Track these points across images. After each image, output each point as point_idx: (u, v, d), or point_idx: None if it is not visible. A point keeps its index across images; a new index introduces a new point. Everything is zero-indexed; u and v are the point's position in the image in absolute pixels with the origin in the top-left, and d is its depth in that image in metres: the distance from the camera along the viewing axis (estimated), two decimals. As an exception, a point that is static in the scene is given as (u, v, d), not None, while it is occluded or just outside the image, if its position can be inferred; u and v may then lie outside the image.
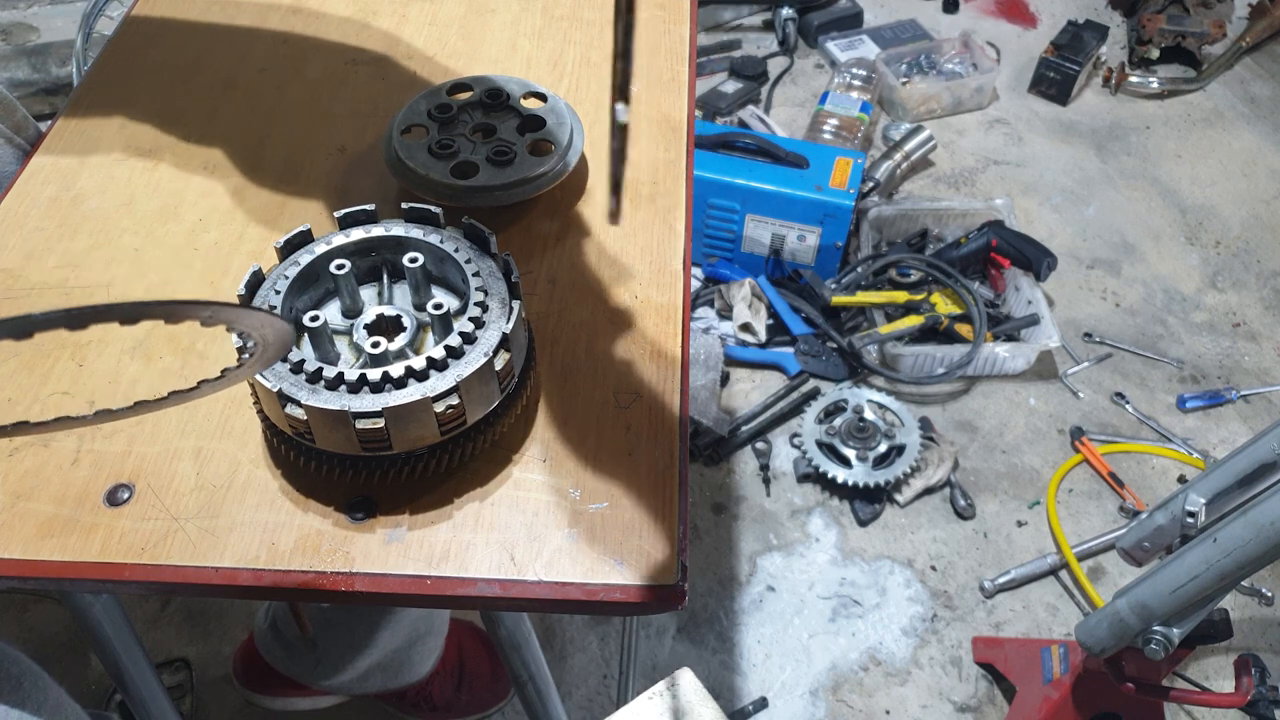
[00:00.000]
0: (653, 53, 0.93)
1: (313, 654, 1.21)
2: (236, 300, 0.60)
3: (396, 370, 0.56)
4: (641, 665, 1.49)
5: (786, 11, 2.58)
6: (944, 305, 1.86)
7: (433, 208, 0.66)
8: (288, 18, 0.97)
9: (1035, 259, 1.84)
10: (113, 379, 0.66)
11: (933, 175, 2.30)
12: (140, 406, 0.47)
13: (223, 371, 0.48)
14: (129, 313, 0.36)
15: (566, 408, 0.65)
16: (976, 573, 1.61)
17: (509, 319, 0.59)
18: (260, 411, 0.61)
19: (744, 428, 1.78)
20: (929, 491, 1.70)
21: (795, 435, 1.76)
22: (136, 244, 0.76)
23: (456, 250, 0.63)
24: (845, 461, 1.68)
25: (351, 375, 0.55)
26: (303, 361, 0.56)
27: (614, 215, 0.44)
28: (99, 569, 0.57)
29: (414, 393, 0.55)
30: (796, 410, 1.80)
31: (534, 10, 0.98)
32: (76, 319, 0.35)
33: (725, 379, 1.84)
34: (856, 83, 2.36)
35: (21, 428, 0.45)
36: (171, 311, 0.38)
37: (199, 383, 0.48)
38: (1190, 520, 1.05)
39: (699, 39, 2.60)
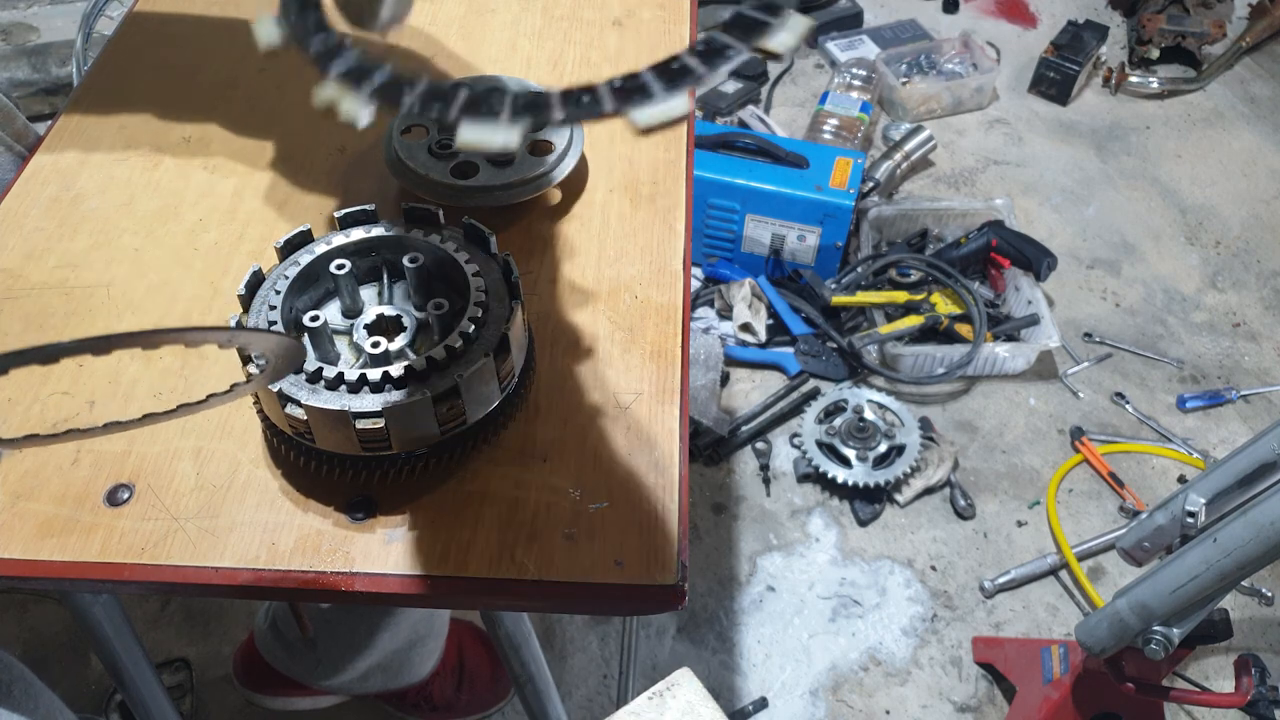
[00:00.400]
0: (653, 53, 0.93)
1: (313, 654, 1.21)
2: (237, 299, 0.60)
3: (396, 370, 0.56)
4: (641, 665, 1.49)
5: (786, 11, 2.58)
6: (944, 305, 1.86)
7: (433, 208, 0.66)
8: (288, 18, 0.97)
9: (1035, 259, 1.84)
10: (113, 379, 0.66)
11: (933, 175, 2.30)
12: (149, 418, 0.48)
13: (232, 386, 0.49)
14: (151, 340, 0.37)
15: (566, 408, 0.65)
16: (976, 573, 1.61)
17: (509, 319, 0.59)
18: (260, 411, 0.61)
19: (744, 428, 1.78)
20: (929, 491, 1.70)
21: (795, 435, 1.76)
22: (136, 244, 0.76)
23: (456, 250, 0.63)
24: (845, 461, 1.68)
25: (351, 375, 0.55)
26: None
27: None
28: (99, 569, 0.57)
29: (414, 393, 0.55)
30: (796, 410, 1.80)
31: (534, 10, 0.98)
32: (102, 345, 0.36)
33: (725, 379, 1.84)
34: (856, 83, 2.36)
35: (31, 440, 0.46)
36: (193, 338, 0.40)
37: (207, 396, 0.48)
38: (1190, 520, 1.05)
39: (699, 39, 2.60)
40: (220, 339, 0.42)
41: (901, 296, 1.88)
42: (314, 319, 0.59)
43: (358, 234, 0.64)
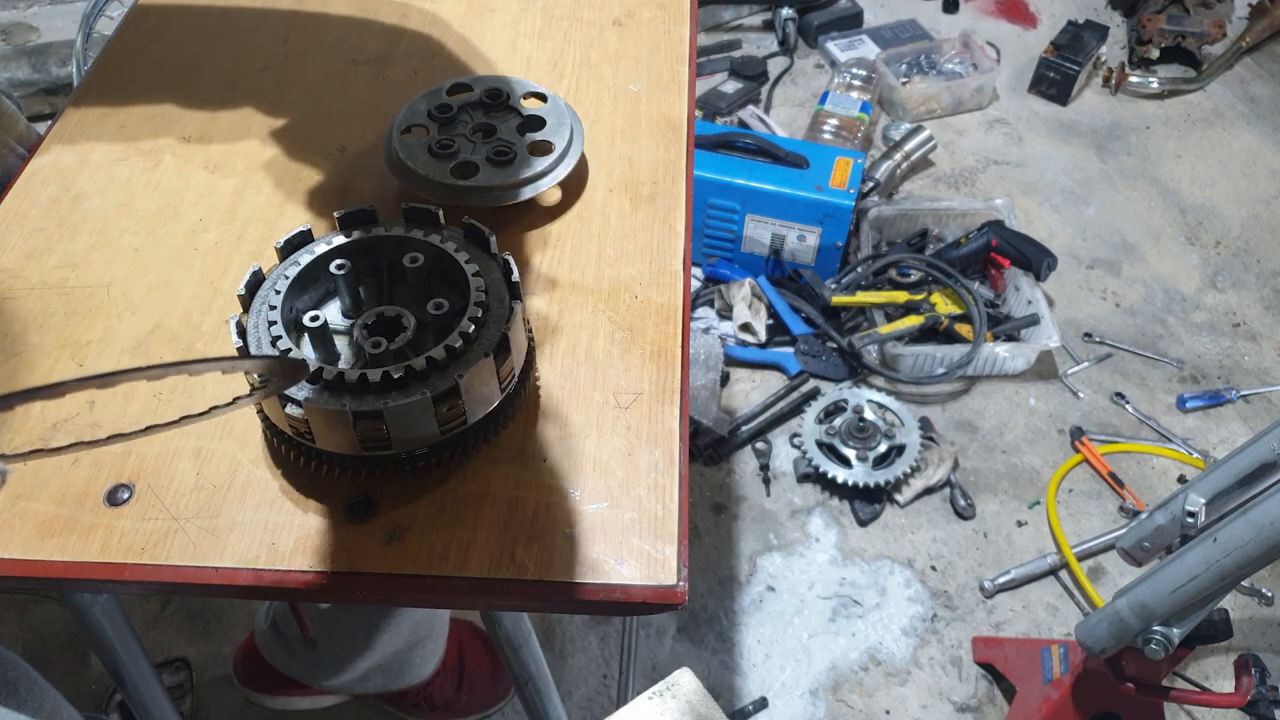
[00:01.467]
0: (653, 53, 0.93)
1: (313, 654, 1.21)
2: (237, 299, 0.60)
3: (396, 370, 0.56)
4: (641, 665, 1.49)
5: (786, 11, 2.58)
6: (944, 305, 1.86)
7: (433, 208, 0.66)
8: (288, 17, 0.97)
9: (1035, 259, 1.84)
10: (113, 379, 0.66)
11: (933, 175, 2.30)
12: (151, 429, 0.49)
13: (234, 399, 0.50)
14: (155, 374, 0.42)
15: (566, 408, 0.65)
16: (976, 573, 1.61)
17: (509, 319, 0.59)
18: (260, 411, 0.61)
19: (744, 428, 1.78)
20: (929, 491, 1.70)
21: (795, 435, 1.76)
22: (136, 244, 0.76)
23: (456, 250, 0.63)
24: (845, 461, 1.68)
25: (352, 375, 0.55)
26: (303, 361, 0.56)
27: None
28: (99, 569, 0.57)
29: (414, 393, 0.55)
30: (796, 410, 1.80)
31: (534, 10, 0.98)
32: (108, 381, 0.41)
33: (725, 379, 1.84)
34: (856, 83, 2.36)
35: (37, 454, 0.47)
36: (196, 369, 0.44)
37: (210, 408, 0.49)
38: (1190, 520, 1.05)
39: (699, 39, 2.60)
40: (223, 367, 0.46)
41: (901, 296, 1.88)
42: (314, 319, 0.59)
43: (358, 234, 0.64)
